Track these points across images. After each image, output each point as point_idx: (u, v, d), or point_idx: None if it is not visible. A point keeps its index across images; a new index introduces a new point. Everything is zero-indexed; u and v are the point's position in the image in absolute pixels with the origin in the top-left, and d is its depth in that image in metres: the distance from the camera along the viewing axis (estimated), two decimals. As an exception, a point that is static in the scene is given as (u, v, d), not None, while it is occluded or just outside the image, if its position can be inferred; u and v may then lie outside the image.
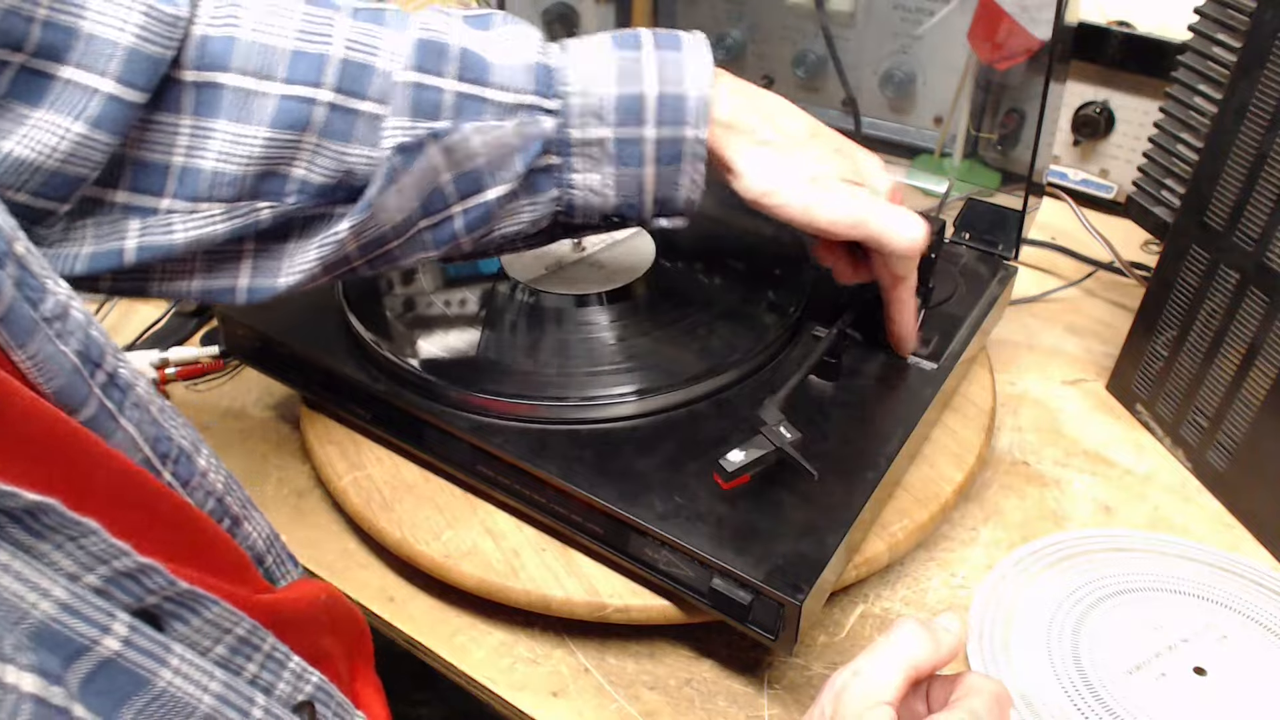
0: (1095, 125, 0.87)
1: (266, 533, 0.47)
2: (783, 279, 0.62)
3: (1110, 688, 0.49)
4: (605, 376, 0.55)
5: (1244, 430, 0.59)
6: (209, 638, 0.33)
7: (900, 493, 0.56)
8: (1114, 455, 0.66)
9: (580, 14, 0.90)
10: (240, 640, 0.34)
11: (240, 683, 0.33)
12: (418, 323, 0.59)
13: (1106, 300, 0.81)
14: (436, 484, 0.57)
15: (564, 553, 0.53)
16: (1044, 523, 0.61)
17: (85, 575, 0.29)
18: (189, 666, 0.30)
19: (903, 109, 0.80)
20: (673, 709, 0.50)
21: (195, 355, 0.73)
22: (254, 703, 0.32)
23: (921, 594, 0.56)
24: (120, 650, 0.28)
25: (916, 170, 0.78)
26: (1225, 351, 0.59)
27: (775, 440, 0.47)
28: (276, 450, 0.67)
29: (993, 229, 0.67)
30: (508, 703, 0.50)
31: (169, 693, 0.29)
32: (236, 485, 0.44)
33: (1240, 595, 0.55)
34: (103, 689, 0.27)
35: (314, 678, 0.37)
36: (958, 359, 0.58)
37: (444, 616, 0.55)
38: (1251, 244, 0.57)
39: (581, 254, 0.65)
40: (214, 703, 0.31)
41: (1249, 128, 0.56)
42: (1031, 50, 0.66)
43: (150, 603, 0.31)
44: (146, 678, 0.29)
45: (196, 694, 0.30)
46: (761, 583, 0.44)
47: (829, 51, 0.78)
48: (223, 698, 0.31)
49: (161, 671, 0.29)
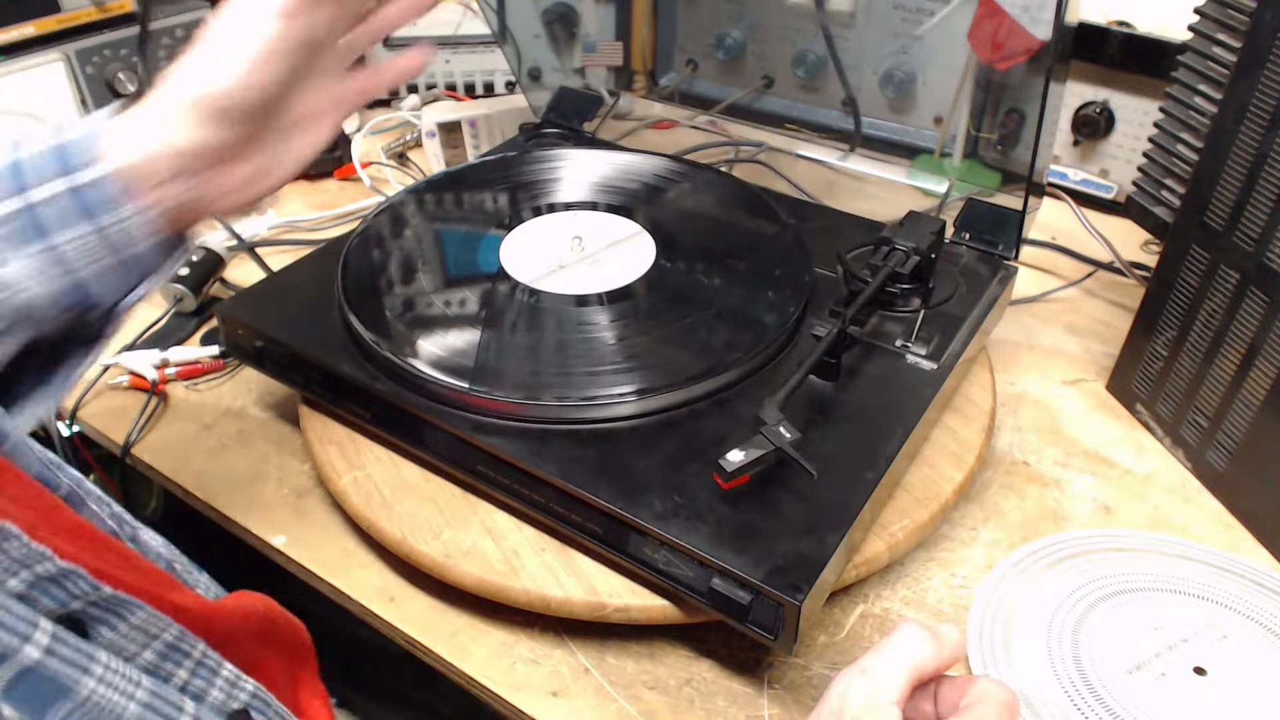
0: (1095, 125, 0.87)
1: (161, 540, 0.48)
2: (783, 279, 0.62)
3: (1110, 688, 0.49)
4: (605, 376, 0.55)
5: (1244, 430, 0.59)
6: (135, 643, 0.33)
7: (900, 493, 0.56)
8: (1114, 455, 0.66)
9: (580, 14, 0.90)
10: (169, 646, 0.34)
11: (169, 690, 0.33)
12: (418, 323, 0.59)
13: (1106, 300, 0.81)
14: (436, 484, 0.57)
15: (563, 552, 0.53)
16: (1044, 523, 0.61)
17: (8, 580, 0.29)
18: (114, 675, 0.30)
19: (903, 109, 0.80)
20: (673, 709, 0.50)
21: (195, 355, 0.74)
22: (183, 710, 0.32)
23: (921, 594, 0.56)
24: (41, 659, 0.28)
25: (916, 170, 0.78)
26: (1225, 351, 0.59)
27: (775, 440, 0.47)
28: (276, 450, 0.67)
29: (993, 229, 0.67)
30: (508, 703, 0.50)
31: (93, 700, 0.29)
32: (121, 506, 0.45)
33: (1240, 595, 0.55)
34: (25, 696, 0.27)
35: (249, 685, 0.37)
36: (958, 359, 0.58)
37: (444, 616, 0.55)
38: (1251, 244, 0.57)
39: (581, 254, 0.65)
40: (140, 710, 0.31)
41: (1249, 128, 0.56)
42: (1031, 50, 0.66)
43: (75, 608, 0.31)
44: (70, 686, 0.29)
45: (122, 702, 0.30)
46: (761, 583, 0.44)
47: (829, 51, 0.78)
48: (149, 705, 0.31)
49: (85, 680, 0.29)
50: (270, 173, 0.48)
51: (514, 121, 0.94)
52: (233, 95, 0.42)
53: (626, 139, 0.93)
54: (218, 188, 0.45)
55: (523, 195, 0.72)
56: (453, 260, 0.66)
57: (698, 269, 0.64)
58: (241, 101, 0.43)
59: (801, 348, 0.58)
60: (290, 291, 0.64)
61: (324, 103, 0.49)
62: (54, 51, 0.86)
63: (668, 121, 0.97)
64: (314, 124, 0.49)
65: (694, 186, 0.73)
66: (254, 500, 0.63)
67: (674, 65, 0.92)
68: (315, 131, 0.49)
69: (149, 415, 0.70)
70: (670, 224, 0.68)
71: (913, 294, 0.62)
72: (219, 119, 0.43)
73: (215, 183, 0.45)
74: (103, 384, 0.72)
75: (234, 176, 0.46)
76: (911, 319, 0.60)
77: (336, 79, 0.49)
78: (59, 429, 0.71)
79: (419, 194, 0.73)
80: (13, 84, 0.83)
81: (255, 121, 0.44)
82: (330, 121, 0.50)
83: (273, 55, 0.42)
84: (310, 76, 0.48)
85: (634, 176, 0.74)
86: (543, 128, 0.86)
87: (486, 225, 0.69)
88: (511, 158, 0.77)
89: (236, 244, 0.84)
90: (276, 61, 0.43)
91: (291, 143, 0.48)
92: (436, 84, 1.10)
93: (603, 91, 0.91)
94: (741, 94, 0.89)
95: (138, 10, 0.91)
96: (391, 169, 0.98)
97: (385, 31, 0.51)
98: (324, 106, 0.49)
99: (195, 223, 0.47)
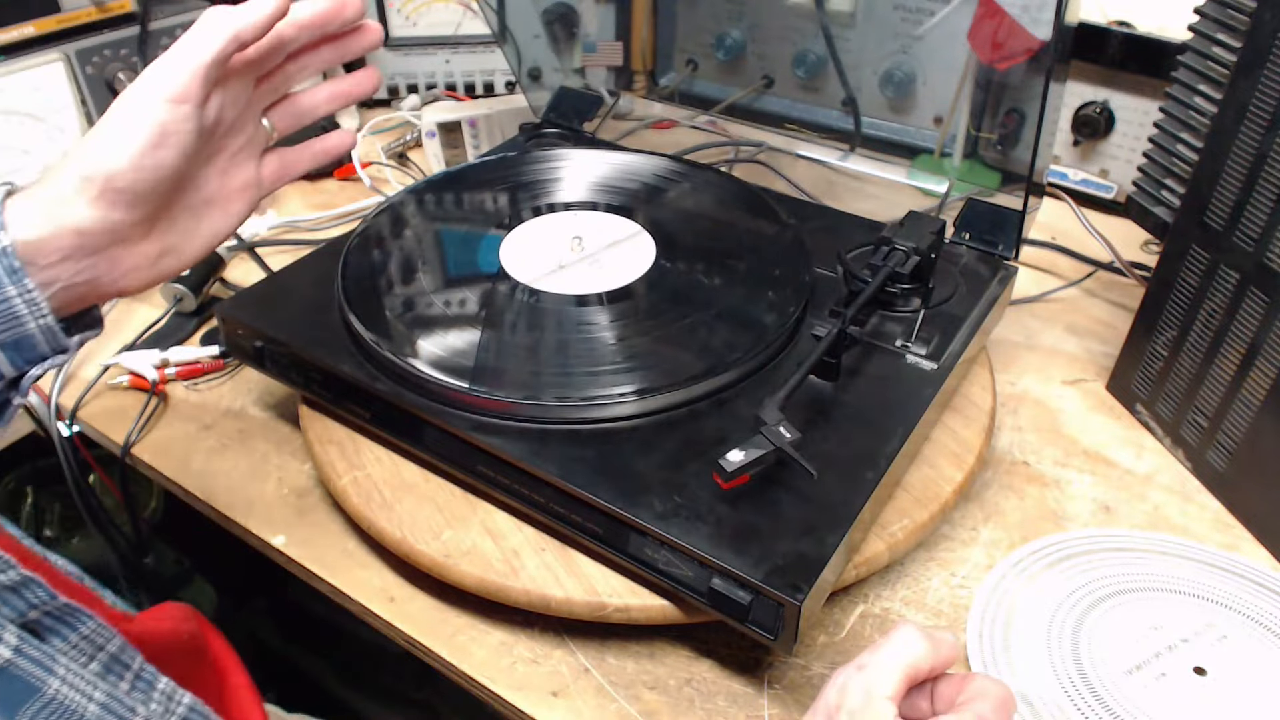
0: (1095, 125, 0.87)
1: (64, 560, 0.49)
2: (783, 279, 0.62)
3: (1110, 688, 0.49)
4: (605, 376, 0.55)
5: (1244, 430, 0.59)
6: (85, 654, 0.35)
7: (900, 493, 0.56)
8: (1114, 455, 0.66)
9: (580, 14, 0.90)
10: (112, 658, 0.35)
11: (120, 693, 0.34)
12: (418, 323, 0.59)
13: (1106, 300, 0.81)
14: (436, 484, 0.57)
15: (564, 552, 0.53)
16: (1044, 523, 0.61)
17: None
18: (74, 676, 0.32)
19: (903, 109, 0.80)
20: (673, 709, 0.50)
21: (195, 355, 0.74)
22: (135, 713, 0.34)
23: (921, 594, 0.56)
24: (11, 658, 0.29)
25: (916, 170, 0.78)
26: (1225, 351, 0.59)
27: (775, 440, 0.47)
28: (276, 450, 0.67)
29: (993, 229, 0.67)
30: (507, 703, 0.50)
31: (58, 700, 0.30)
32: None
33: (1240, 595, 0.55)
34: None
35: (185, 699, 0.38)
36: (958, 359, 0.58)
37: (444, 616, 0.55)
38: (1251, 244, 0.57)
39: (581, 254, 0.65)
40: (99, 711, 0.32)
41: (1249, 128, 0.56)
42: (1031, 50, 0.66)
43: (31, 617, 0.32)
44: (37, 686, 0.30)
45: (82, 702, 0.31)
46: (761, 583, 0.44)
47: (829, 51, 0.79)
48: (106, 706, 0.32)
49: (50, 679, 0.30)
50: (181, 250, 0.48)
51: (514, 121, 0.94)
52: (125, 177, 0.42)
53: (626, 139, 0.93)
54: (120, 267, 0.45)
55: (523, 195, 0.72)
56: (453, 260, 0.66)
57: (698, 269, 0.64)
58: (134, 183, 0.43)
59: (801, 348, 0.58)
60: (290, 291, 0.64)
61: (237, 183, 0.49)
62: (54, 51, 0.86)
63: (668, 121, 0.97)
64: (227, 203, 0.49)
65: (694, 186, 0.73)
66: (254, 500, 0.63)
67: (674, 65, 0.92)
68: (229, 211, 0.49)
69: (149, 415, 0.70)
70: (670, 224, 0.68)
71: (913, 294, 0.62)
72: (113, 200, 0.43)
73: (117, 262, 0.45)
74: (103, 384, 0.72)
75: (138, 255, 0.46)
76: (911, 319, 0.60)
77: (251, 160, 0.50)
78: (59, 429, 0.71)
79: (419, 194, 0.73)
80: (13, 84, 0.83)
81: (153, 202, 0.44)
82: (246, 200, 0.50)
83: (164, 140, 0.43)
84: (218, 158, 0.48)
85: (634, 176, 0.74)
86: (543, 128, 0.86)
87: (486, 225, 0.69)
88: (511, 158, 0.77)
89: (236, 244, 0.84)
90: (170, 146, 0.43)
91: (203, 222, 0.48)
92: (436, 84, 1.10)
93: (603, 91, 0.91)
94: (741, 94, 0.89)
95: (138, 10, 0.91)
96: (391, 169, 0.98)
97: (313, 116, 0.52)
98: (238, 186, 0.49)
99: (98, 301, 0.46)
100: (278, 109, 0.51)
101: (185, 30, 0.46)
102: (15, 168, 0.85)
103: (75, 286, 0.44)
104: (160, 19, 0.92)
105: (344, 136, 0.54)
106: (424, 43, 1.08)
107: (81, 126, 0.88)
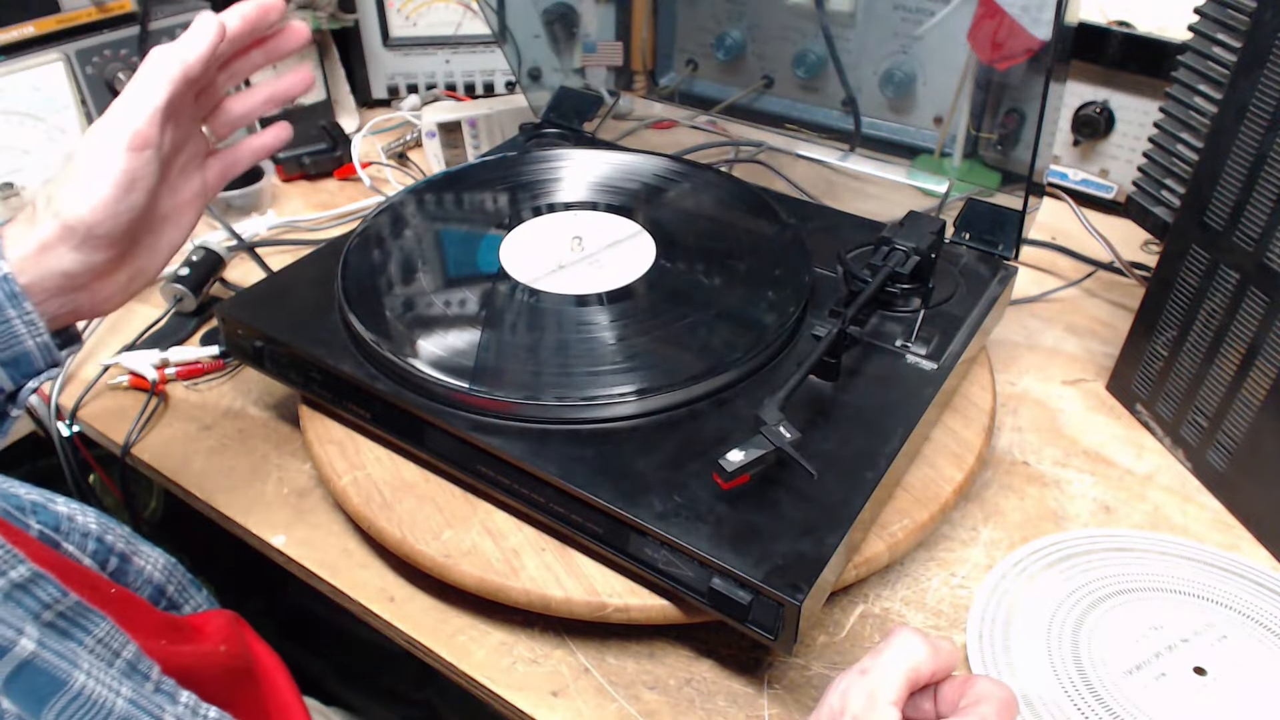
0: (1095, 125, 0.87)
1: (162, 563, 0.49)
2: (783, 279, 0.62)
3: (1110, 688, 0.49)
4: (605, 376, 0.55)
5: (1244, 430, 0.59)
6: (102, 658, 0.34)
7: (900, 493, 0.56)
8: (1114, 455, 0.66)
9: (580, 14, 0.90)
10: (130, 665, 0.35)
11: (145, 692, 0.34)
12: (418, 323, 0.59)
13: (1106, 300, 0.81)
14: (436, 484, 0.57)
15: (563, 552, 0.53)
16: (1044, 523, 0.61)
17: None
18: (99, 671, 0.32)
19: (903, 109, 0.80)
20: (673, 709, 0.50)
21: (195, 355, 0.74)
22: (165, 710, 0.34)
23: (921, 594, 0.56)
24: (36, 650, 0.29)
25: (916, 170, 0.78)
26: (1225, 351, 0.59)
27: (775, 440, 0.47)
28: (276, 450, 0.67)
29: (993, 229, 0.67)
30: (508, 703, 0.50)
31: (84, 694, 0.30)
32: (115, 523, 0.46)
33: (1240, 595, 0.55)
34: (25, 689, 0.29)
35: (211, 713, 0.38)
36: (958, 359, 0.58)
37: (444, 616, 0.55)
38: (1251, 244, 0.57)
39: (581, 254, 0.65)
40: (127, 706, 0.32)
41: (1249, 128, 0.56)
42: (1031, 50, 0.66)
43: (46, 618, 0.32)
44: (63, 679, 0.30)
45: (110, 697, 0.31)
46: (761, 583, 0.44)
47: (829, 51, 0.78)
48: (134, 702, 0.32)
49: (76, 673, 0.30)
50: (147, 269, 0.52)
51: (514, 121, 0.94)
52: (103, 225, 0.46)
53: (626, 139, 0.93)
54: (99, 296, 0.50)
55: (523, 195, 0.72)
56: (453, 260, 0.66)
57: (698, 269, 0.64)
58: (111, 230, 0.47)
59: (801, 348, 0.58)
60: (290, 291, 0.64)
61: (187, 195, 0.53)
62: (54, 51, 0.86)
63: (668, 121, 0.97)
64: (180, 216, 0.53)
65: (694, 186, 0.73)
66: (254, 500, 0.63)
67: (674, 65, 0.92)
68: (181, 224, 0.53)
69: (149, 415, 0.70)
70: (670, 224, 0.68)
71: (913, 294, 0.62)
72: (95, 245, 0.47)
73: (96, 292, 0.50)
74: (103, 384, 0.72)
75: (113, 284, 0.50)
76: (911, 319, 0.60)
77: (197, 170, 0.54)
78: (59, 429, 0.71)
79: (419, 194, 0.73)
80: (13, 84, 0.83)
81: (127, 238, 0.49)
82: (195, 209, 0.54)
83: (133, 185, 0.46)
84: (169, 176, 0.52)
85: (634, 176, 0.74)
86: (543, 128, 0.86)
87: (486, 225, 0.69)
88: (511, 158, 0.77)
89: (236, 244, 0.84)
90: (138, 189, 0.47)
91: (162, 238, 0.52)
92: (436, 84, 1.10)
93: (603, 91, 0.91)
94: (741, 94, 0.89)
95: (138, 10, 0.91)
96: (391, 169, 0.98)
97: (252, 118, 0.55)
98: (188, 198, 0.53)
99: (76, 322, 0.51)
100: (215, 116, 0.54)
101: (185, 30, 0.47)
102: (15, 168, 0.85)
103: (60, 317, 0.49)
104: (160, 19, 0.92)
105: (280, 130, 0.57)
106: (424, 43, 1.08)
107: (81, 126, 0.88)
